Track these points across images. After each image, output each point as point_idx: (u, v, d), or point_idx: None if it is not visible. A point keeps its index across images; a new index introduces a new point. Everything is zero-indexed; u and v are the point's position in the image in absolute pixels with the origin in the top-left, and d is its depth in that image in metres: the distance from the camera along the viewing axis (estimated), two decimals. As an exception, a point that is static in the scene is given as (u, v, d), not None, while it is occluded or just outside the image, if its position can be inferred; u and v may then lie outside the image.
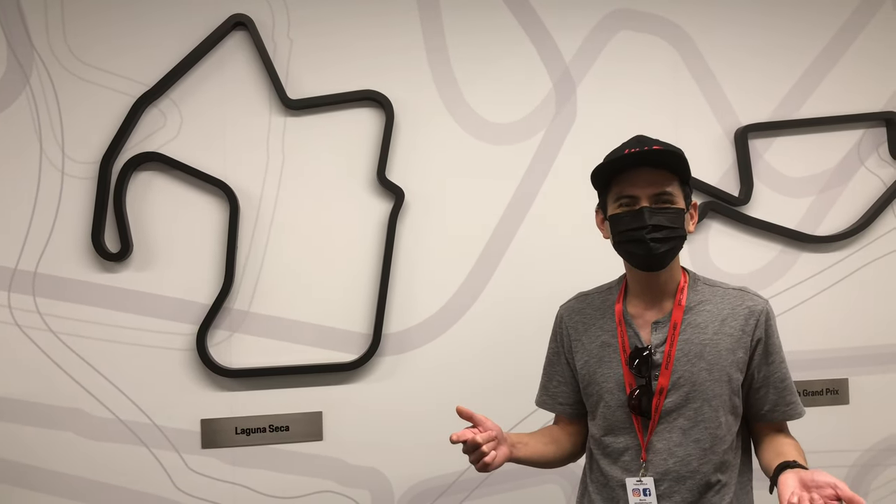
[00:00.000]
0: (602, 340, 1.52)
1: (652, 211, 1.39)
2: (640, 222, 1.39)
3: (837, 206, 2.47)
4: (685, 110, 2.38)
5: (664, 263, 1.42)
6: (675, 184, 1.42)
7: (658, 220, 1.39)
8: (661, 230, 1.39)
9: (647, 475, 1.43)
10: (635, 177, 1.41)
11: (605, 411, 1.50)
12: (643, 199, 1.40)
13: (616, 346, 1.50)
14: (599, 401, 1.51)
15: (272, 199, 2.19)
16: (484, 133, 2.29)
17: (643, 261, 1.42)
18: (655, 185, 1.40)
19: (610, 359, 1.50)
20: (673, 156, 1.39)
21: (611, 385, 1.49)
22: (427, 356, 2.25)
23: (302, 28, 2.20)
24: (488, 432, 1.40)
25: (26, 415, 2.08)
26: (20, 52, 2.08)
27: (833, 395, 2.43)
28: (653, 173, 1.41)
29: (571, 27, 2.33)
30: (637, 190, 1.41)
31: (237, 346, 2.17)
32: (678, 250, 1.44)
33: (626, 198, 1.42)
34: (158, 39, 2.14)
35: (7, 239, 2.08)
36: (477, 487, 2.27)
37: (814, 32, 2.45)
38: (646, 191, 1.40)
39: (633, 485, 1.44)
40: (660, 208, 1.40)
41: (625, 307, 1.52)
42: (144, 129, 2.13)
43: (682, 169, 1.42)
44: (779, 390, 1.45)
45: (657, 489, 1.43)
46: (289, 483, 2.18)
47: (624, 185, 1.42)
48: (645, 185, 1.40)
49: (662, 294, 1.49)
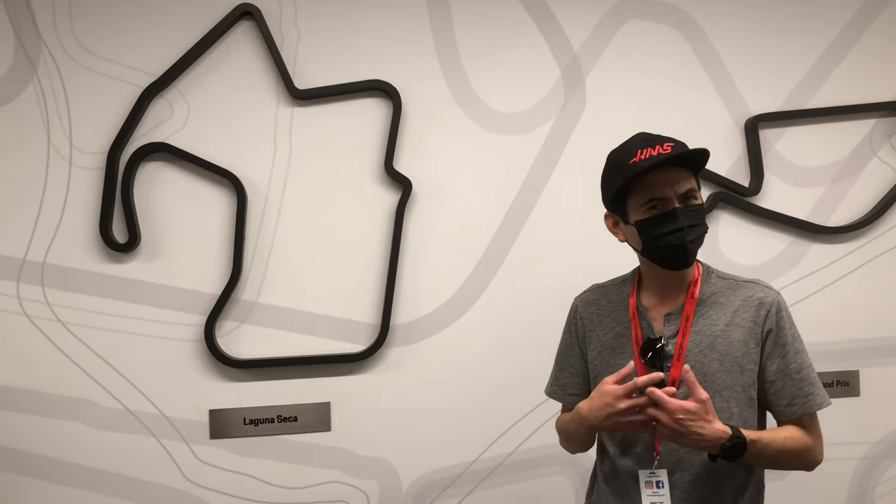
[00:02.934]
0: (616, 332, 1.52)
1: (684, 212, 1.38)
2: (676, 224, 1.37)
3: (849, 197, 2.45)
4: (695, 100, 2.36)
5: (691, 261, 1.43)
6: (694, 180, 1.42)
7: (691, 219, 1.38)
8: (694, 229, 1.38)
9: (660, 467, 1.42)
10: (662, 178, 1.37)
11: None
12: (674, 200, 1.38)
13: (629, 338, 1.49)
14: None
15: (279, 189, 2.18)
16: (492, 123, 2.27)
17: (677, 262, 1.41)
18: (682, 184, 1.38)
19: (623, 350, 1.49)
20: (701, 156, 1.38)
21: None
22: (435, 347, 2.24)
23: (309, 18, 2.19)
24: None
25: (35, 405, 2.08)
26: (28, 43, 2.08)
27: (844, 387, 2.41)
28: (677, 172, 1.38)
29: (580, 16, 2.31)
30: (668, 190, 1.37)
31: (245, 336, 2.17)
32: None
33: (656, 200, 1.38)
34: (165, 30, 2.13)
35: (16, 229, 2.08)
36: (485, 479, 2.27)
37: (825, 20, 2.43)
38: (675, 190, 1.38)
39: (646, 477, 1.43)
40: (689, 207, 1.39)
41: (639, 300, 1.51)
42: (152, 119, 2.13)
43: (703, 164, 1.40)
44: (795, 381, 1.42)
45: (669, 480, 1.42)
46: (297, 473, 2.19)
47: (651, 187, 1.38)
48: (673, 184, 1.38)
49: (677, 287, 1.48)
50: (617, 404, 1.33)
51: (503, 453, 2.28)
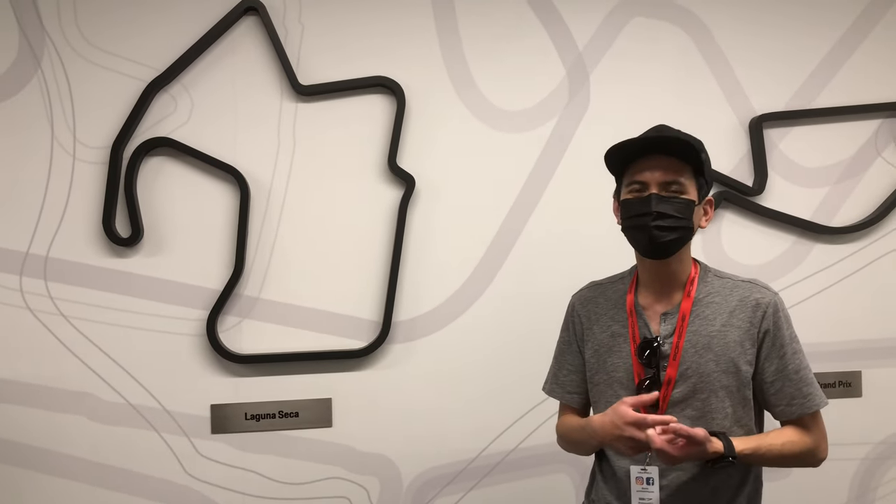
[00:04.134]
0: (613, 330, 1.52)
1: (659, 198, 1.39)
2: (646, 208, 1.39)
3: (853, 197, 2.44)
4: (699, 99, 2.36)
5: (668, 252, 1.42)
6: (687, 174, 1.41)
7: (664, 207, 1.38)
8: (666, 218, 1.38)
9: (652, 464, 1.43)
10: (647, 163, 1.41)
11: (613, 400, 1.49)
12: (652, 186, 1.40)
13: (626, 336, 1.49)
14: (608, 389, 1.51)
15: (283, 184, 2.18)
16: (496, 120, 2.27)
17: (646, 248, 1.43)
18: (666, 173, 1.40)
19: (620, 348, 1.50)
20: (685, 144, 1.38)
21: (620, 374, 1.49)
22: (437, 344, 2.24)
23: (313, 13, 2.19)
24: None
25: (37, 398, 2.09)
26: (32, 37, 2.08)
27: (846, 387, 2.41)
28: (665, 161, 1.40)
29: (585, 14, 2.31)
30: (647, 176, 1.41)
31: (247, 331, 2.17)
32: (684, 241, 1.43)
33: (637, 183, 1.42)
34: (170, 24, 2.13)
35: (19, 223, 2.08)
36: (486, 476, 2.27)
37: (831, 20, 2.42)
38: (655, 177, 1.40)
39: (637, 473, 1.43)
40: (668, 196, 1.39)
41: (636, 298, 1.51)
42: (155, 114, 2.13)
43: (695, 159, 1.40)
44: (794, 382, 1.42)
45: (663, 479, 1.42)
46: (297, 469, 2.19)
47: (635, 171, 1.43)
48: (656, 171, 1.40)
49: (672, 285, 1.48)
50: (626, 429, 1.34)
51: (504, 450, 2.28)
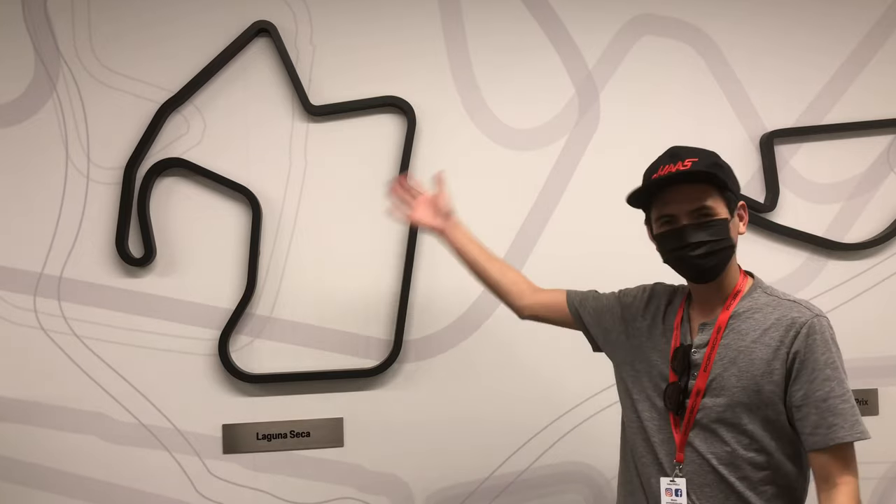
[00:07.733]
0: (660, 331, 1.54)
1: (692, 228, 1.39)
2: (682, 241, 1.40)
3: (866, 213, 2.43)
4: (709, 116, 2.36)
5: (716, 274, 1.43)
6: (713, 195, 1.41)
7: (699, 236, 1.39)
8: (703, 245, 1.39)
9: (679, 476, 1.43)
10: (672, 195, 1.41)
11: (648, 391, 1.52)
12: (682, 217, 1.41)
13: (669, 340, 1.51)
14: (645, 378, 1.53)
15: (294, 204, 2.19)
16: (506, 139, 2.28)
17: (693, 277, 1.45)
18: (692, 202, 1.40)
19: (662, 349, 1.52)
20: (704, 175, 1.38)
21: (655, 373, 1.52)
22: (448, 363, 2.24)
23: (325, 34, 2.21)
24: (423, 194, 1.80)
25: (50, 418, 2.09)
26: (47, 59, 2.11)
27: (862, 405, 2.38)
28: (688, 189, 1.40)
29: (594, 32, 2.32)
30: (674, 208, 1.41)
31: (259, 351, 2.17)
32: (728, 260, 1.44)
33: (666, 216, 1.43)
34: (182, 46, 2.15)
35: (33, 243, 2.10)
36: (498, 496, 2.25)
37: (842, 36, 2.42)
38: (683, 207, 1.40)
39: (666, 484, 1.44)
40: (700, 224, 1.39)
41: (686, 308, 1.54)
42: (168, 135, 2.15)
43: (717, 181, 1.40)
44: (820, 410, 1.35)
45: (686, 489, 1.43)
46: (309, 489, 2.18)
47: (661, 204, 1.44)
48: (682, 202, 1.40)
49: (717, 298, 1.49)
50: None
51: (516, 470, 2.26)
